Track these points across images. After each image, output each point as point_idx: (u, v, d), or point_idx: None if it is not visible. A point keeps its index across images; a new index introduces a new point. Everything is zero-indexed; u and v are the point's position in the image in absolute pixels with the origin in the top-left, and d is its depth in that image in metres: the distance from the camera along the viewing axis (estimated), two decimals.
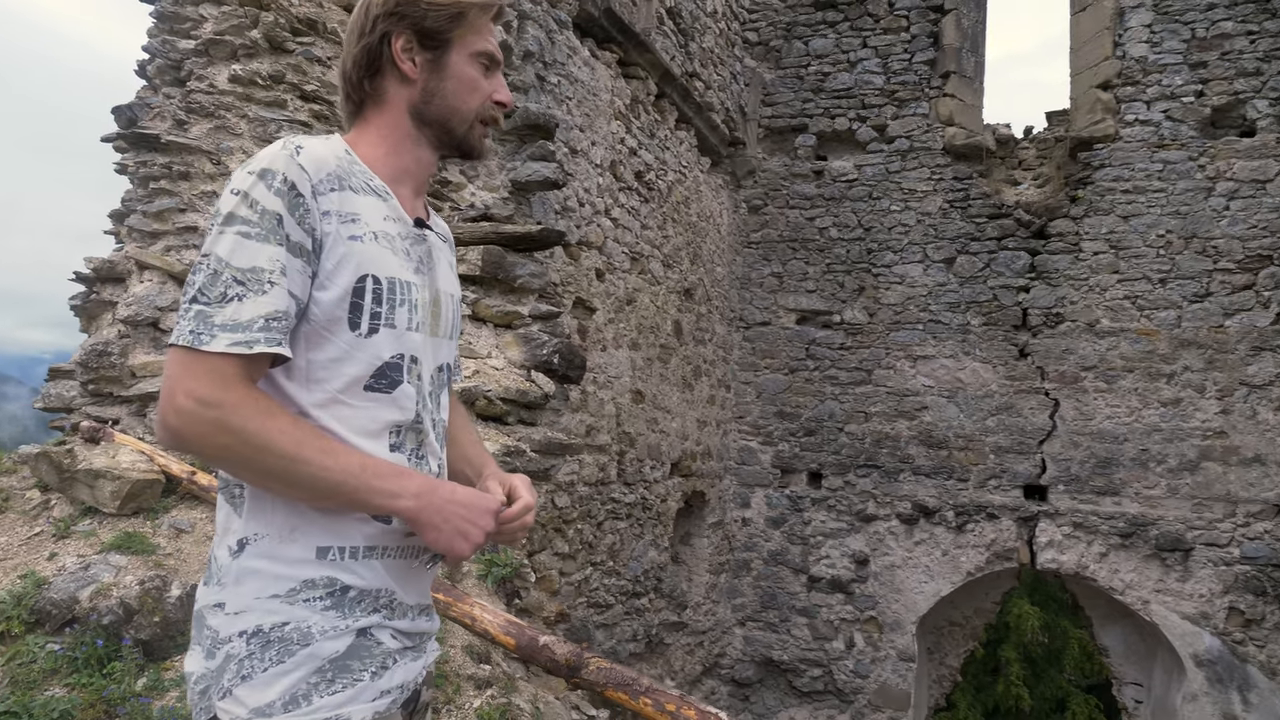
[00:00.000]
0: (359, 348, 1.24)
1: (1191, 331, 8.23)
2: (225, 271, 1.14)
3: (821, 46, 9.59)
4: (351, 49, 1.36)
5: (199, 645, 1.22)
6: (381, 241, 1.28)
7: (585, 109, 6.41)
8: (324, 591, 1.21)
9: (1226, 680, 7.78)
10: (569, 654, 2.20)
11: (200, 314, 1.13)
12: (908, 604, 8.83)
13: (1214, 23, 8.37)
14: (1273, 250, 8.07)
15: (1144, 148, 8.52)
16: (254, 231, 1.16)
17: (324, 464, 1.15)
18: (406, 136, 1.39)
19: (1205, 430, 8.10)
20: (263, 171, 1.18)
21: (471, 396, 3.43)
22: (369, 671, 1.24)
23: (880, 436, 9.10)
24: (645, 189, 7.42)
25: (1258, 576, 7.80)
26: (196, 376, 1.11)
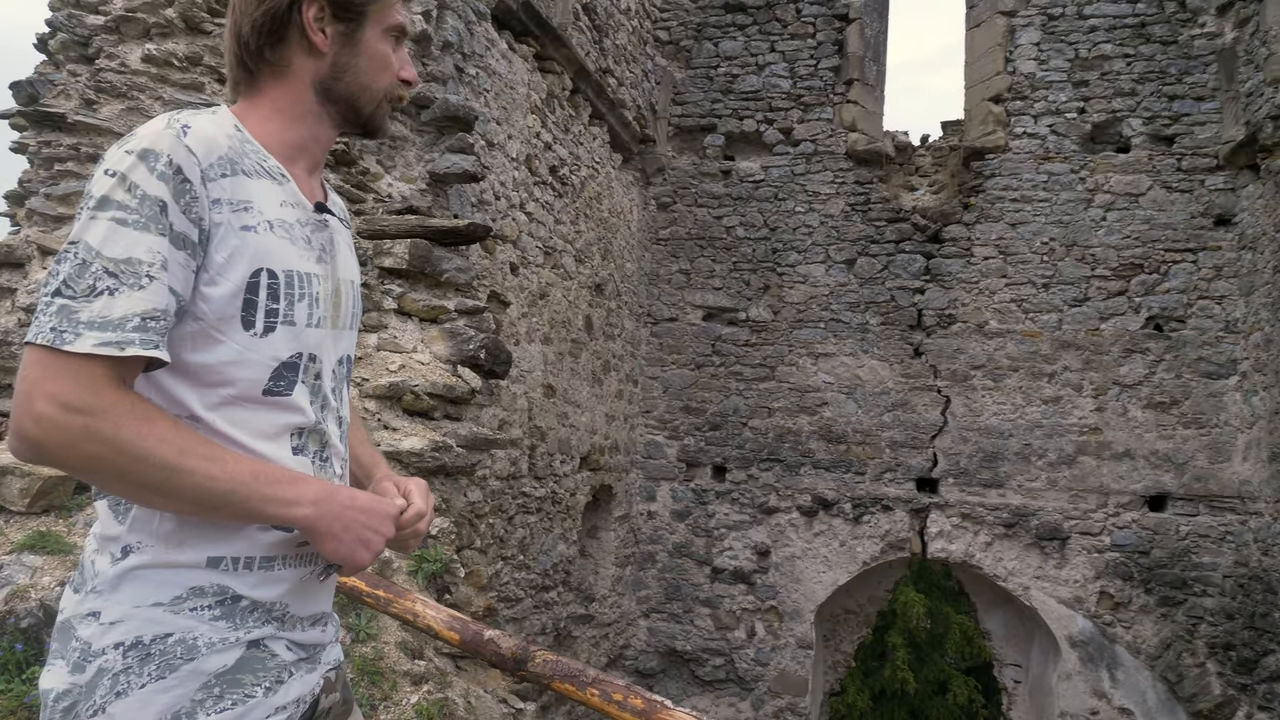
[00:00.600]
0: (253, 348, 1.14)
1: (1071, 334, 8.77)
2: (95, 262, 1.01)
3: (731, 48, 9.78)
4: (251, 11, 1.22)
5: (62, 658, 1.10)
6: (278, 231, 1.18)
7: (502, 102, 6.38)
8: (213, 600, 1.12)
9: (1097, 659, 8.34)
10: (515, 647, 2.24)
11: (64, 309, 1.00)
12: (807, 593, 9.13)
13: (1095, 44, 8.92)
14: (1143, 259, 8.67)
15: (1031, 159, 9.02)
16: (131, 219, 1.03)
17: (210, 473, 1.03)
18: (308, 112, 1.27)
19: (1082, 426, 8.65)
20: (144, 152, 1.06)
21: (399, 391, 3.40)
22: (262, 686, 1.15)
23: (783, 431, 9.36)
24: (559, 184, 7.44)
25: (1125, 563, 8.38)
26: (58, 379, 0.98)
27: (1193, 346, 8.48)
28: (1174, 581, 8.24)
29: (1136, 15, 8.83)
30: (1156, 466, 8.44)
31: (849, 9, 9.52)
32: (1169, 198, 8.65)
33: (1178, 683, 8.04)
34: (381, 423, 3.44)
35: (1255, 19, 8.02)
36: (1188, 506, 8.33)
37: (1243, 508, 8.12)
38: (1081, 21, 8.96)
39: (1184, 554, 8.25)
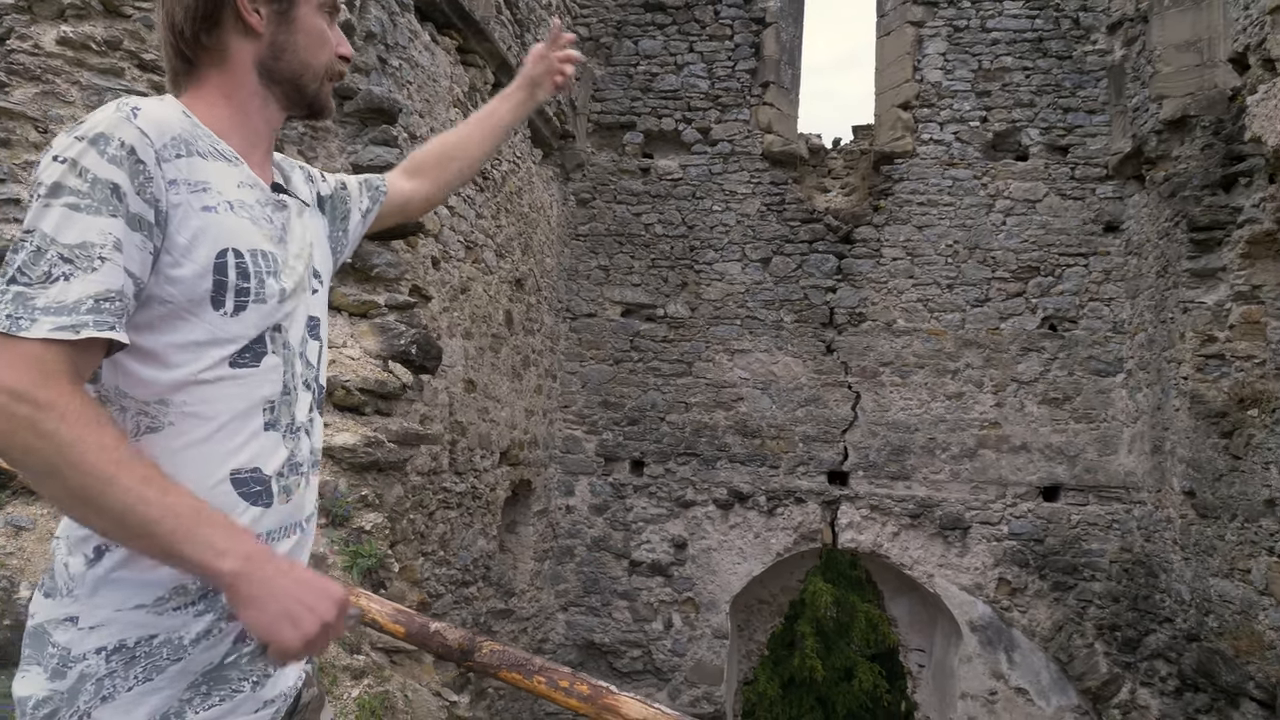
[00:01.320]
0: (223, 327, 1.14)
1: (973, 333, 9.18)
2: (50, 249, 1.00)
3: (650, 47, 9.88)
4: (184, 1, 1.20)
5: (37, 665, 1.08)
6: (239, 211, 1.17)
7: (425, 95, 6.33)
8: (196, 596, 1.11)
9: (995, 643, 8.77)
10: (461, 639, 2.28)
11: (19, 295, 0.99)
12: (723, 584, 9.32)
13: (997, 57, 9.34)
14: (1039, 263, 9.13)
15: (937, 165, 9.39)
16: (84, 203, 1.02)
17: (144, 495, 0.98)
18: (254, 95, 1.27)
19: (982, 421, 9.07)
20: (95, 136, 1.05)
21: (331, 386, 3.38)
22: (249, 681, 1.16)
23: (700, 426, 9.53)
24: (481, 178, 7.41)
25: (1022, 550, 8.83)
26: (12, 365, 0.97)
27: (1084, 346, 8.98)
28: (1066, 568, 8.72)
29: (1035, 30, 9.28)
30: (1050, 459, 8.91)
31: (766, 13, 9.73)
32: (1063, 204, 9.14)
33: (1069, 662, 8.53)
34: None
35: (1142, 39, 8.53)
36: (1078, 496, 8.83)
37: (1128, 497, 8.65)
38: (985, 34, 9.38)
39: (1075, 541, 8.75)
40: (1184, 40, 8.02)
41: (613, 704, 2.15)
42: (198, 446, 1.13)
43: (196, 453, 1.13)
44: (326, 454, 3.29)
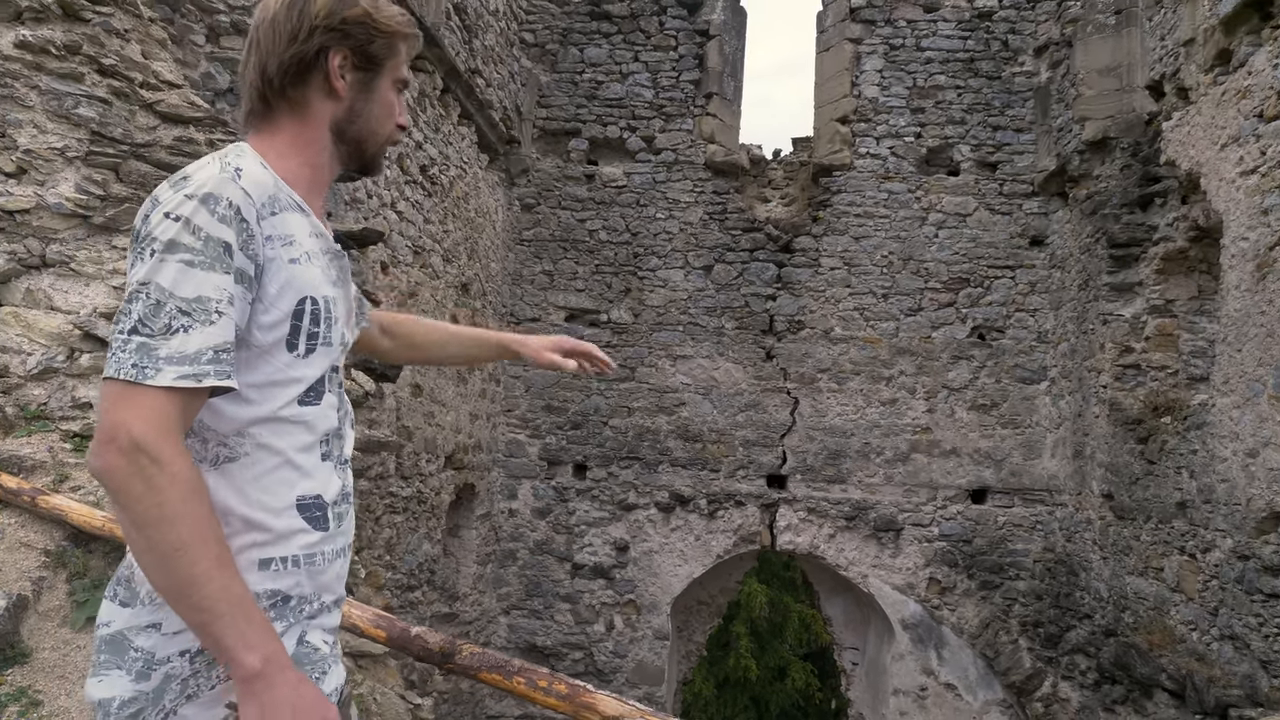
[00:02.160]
0: (294, 367, 1.25)
1: (906, 341, 9.50)
2: (169, 302, 1.10)
3: (596, 55, 9.99)
4: (278, 52, 1.30)
5: (119, 669, 1.17)
6: (314, 261, 1.28)
7: None
8: (267, 604, 1.21)
9: (926, 640, 9.09)
10: (442, 642, 2.35)
11: (143, 346, 1.08)
12: (664, 586, 9.47)
13: (931, 75, 9.69)
14: (969, 274, 9.50)
15: (874, 178, 9.70)
16: (199, 260, 1.11)
17: (210, 573, 1.07)
18: (323, 150, 1.36)
19: (915, 426, 9.39)
20: (205, 196, 1.14)
21: None
22: (313, 676, 1.26)
23: (642, 430, 9.67)
24: (429, 183, 7.43)
25: (951, 551, 9.18)
26: (138, 413, 1.07)
27: (1010, 354, 9.37)
28: (992, 567, 9.09)
29: (967, 51, 9.66)
30: (979, 463, 9.28)
31: (710, 25, 9.92)
32: (992, 219, 9.53)
33: (995, 658, 8.89)
34: None
35: (1066, 62, 8.95)
36: (1005, 499, 9.22)
37: (1050, 500, 9.06)
38: (919, 53, 9.72)
39: (1001, 542, 9.12)
40: (1105, 66, 8.45)
41: (590, 701, 2.26)
42: (270, 475, 1.23)
43: (269, 480, 1.23)
44: None
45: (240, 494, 1.21)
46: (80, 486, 2.89)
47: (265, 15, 1.32)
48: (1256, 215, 5.71)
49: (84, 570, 2.64)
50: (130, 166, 3.54)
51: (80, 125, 3.45)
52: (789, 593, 18.71)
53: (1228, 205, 6.11)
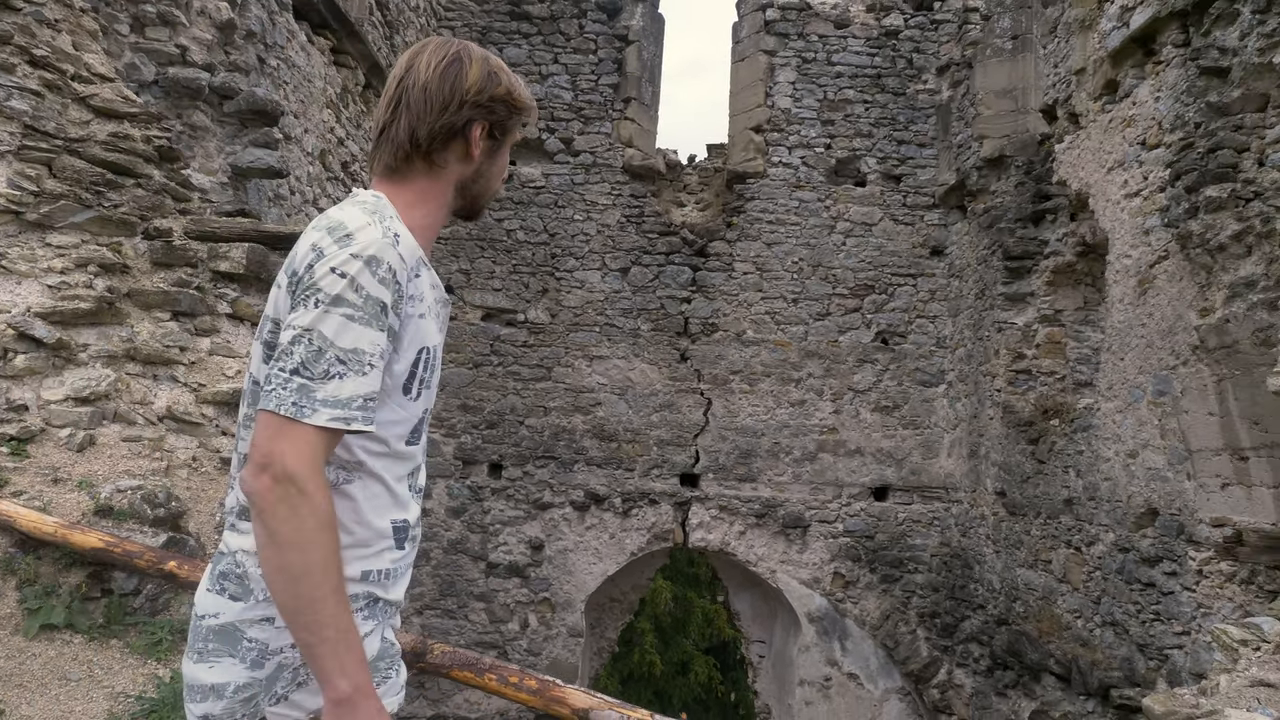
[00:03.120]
0: (407, 409, 1.38)
1: (815, 344, 9.86)
2: (330, 350, 1.22)
3: (515, 55, 10.00)
4: (429, 120, 1.41)
5: (232, 657, 1.30)
6: (431, 314, 1.42)
7: (300, 95, 6.25)
8: (364, 603, 1.36)
9: (831, 632, 9.47)
10: (413, 642, 2.42)
11: (303, 387, 1.21)
12: (578, 584, 9.58)
13: (840, 89, 10.08)
14: (874, 281, 9.93)
15: (785, 186, 10.03)
16: (358, 315, 1.23)
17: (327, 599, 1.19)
18: (445, 204, 1.50)
19: (822, 427, 9.76)
20: (370, 259, 1.25)
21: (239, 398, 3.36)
22: (394, 669, 1.45)
23: (558, 430, 9.75)
24: (350, 180, 7.34)
25: (855, 546, 9.58)
26: (294, 446, 1.19)
27: (911, 358, 9.84)
28: (893, 561, 9.54)
29: (874, 67, 10.08)
30: (881, 462, 9.72)
31: (629, 31, 10.07)
32: (896, 229, 9.98)
33: (894, 648, 9.33)
34: (220, 429, 3.39)
35: (966, 82, 9.45)
36: (905, 496, 9.67)
37: (947, 497, 9.56)
38: (830, 67, 10.09)
39: (901, 537, 9.58)
40: (1002, 88, 8.97)
41: (560, 695, 2.37)
42: (375, 499, 1.38)
43: (375, 504, 1.38)
44: None
45: (354, 514, 1.36)
46: (22, 492, 2.83)
47: (416, 79, 1.43)
48: (1139, 235, 6.20)
49: (34, 577, 2.59)
50: (64, 162, 3.46)
51: (12, 118, 3.36)
52: (693, 588, 19.08)
53: (1113, 224, 6.61)
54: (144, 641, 2.65)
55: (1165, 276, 5.85)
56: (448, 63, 1.43)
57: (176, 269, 3.50)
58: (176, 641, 2.69)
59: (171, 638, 2.68)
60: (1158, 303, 5.95)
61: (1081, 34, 7.15)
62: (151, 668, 2.57)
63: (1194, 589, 5.37)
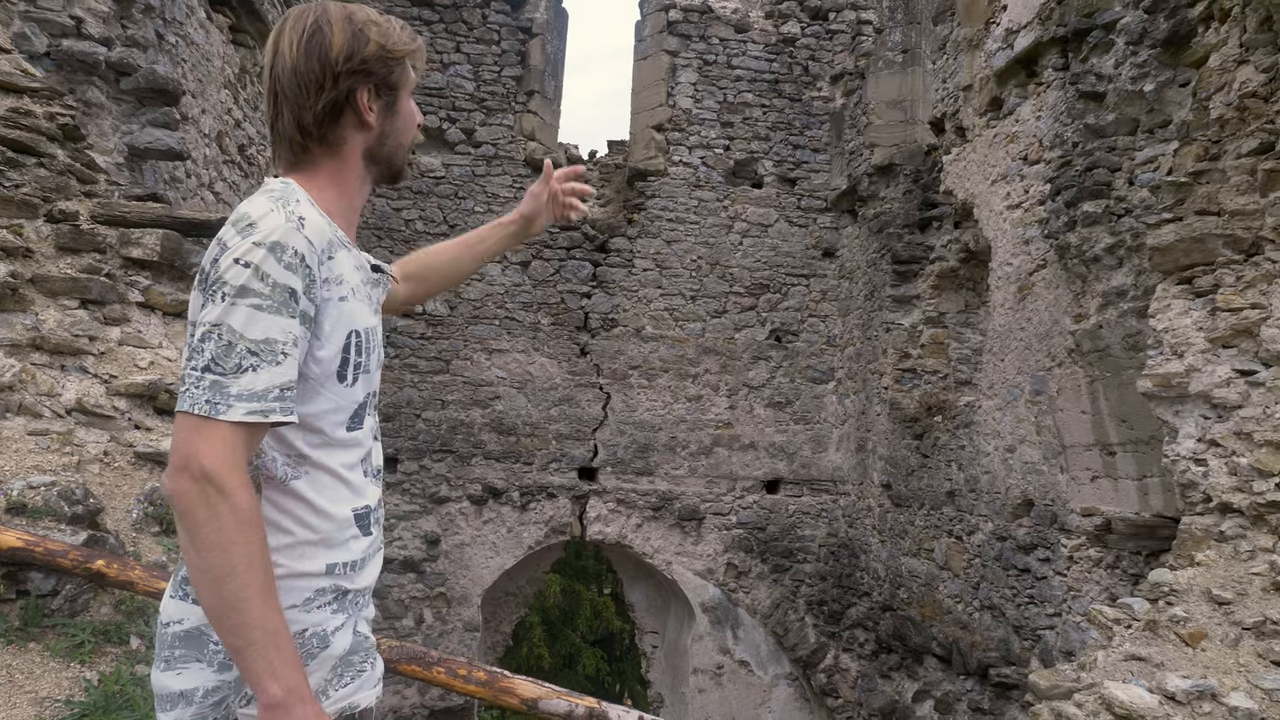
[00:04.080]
0: (344, 395, 1.34)
1: (712, 341, 10.09)
2: (240, 343, 1.18)
3: None
4: (309, 102, 1.34)
5: (199, 661, 1.27)
6: (358, 295, 1.36)
7: (198, 74, 5.99)
8: (331, 596, 1.33)
9: (724, 621, 9.73)
10: None
11: (216, 384, 1.17)
12: (475, 579, 9.52)
13: (740, 92, 10.33)
14: (769, 281, 10.23)
15: (685, 185, 10.21)
16: (266, 304, 1.19)
17: (252, 600, 1.15)
18: (358, 177, 1.43)
19: (717, 422, 10.00)
20: (273, 245, 1.21)
21: (155, 390, 3.22)
22: (368, 663, 1.40)
23: (456, 423, 9.65)
24: (246, 163, 7.08)
25: (748, 538, 9.87)
26: (210, 445, 1.15)
27: (803, 356, 10.19)
28: (783, 552, 9.87)
29: (772, 73, 10.37)
30: (774, 456, 10.03)
31: (533, 24, 10.04)
32: (791, 230, 10.30)
33: (784, 635, 9.67)
34: (133, 422, 3.24)
35: (859, 92, 9.85)
36: (795, 489, 10.02)
37: (835, 489, 9.96)
38: (730, 70, 10.32)
39: (791, 528, 9.92)
40: (892, 99, 9.39)
41: (509, 686, 2.42)
42: (328, 490, 1.35)
43: (330, 495, 1.35)
44: (155, 460, 3.17)
45: (310, 507, 1.32)
46: None
47: (284, 65, 1.36)
48: (1020, 244, 6.63)
49: None
50: None
51: None
52: (581, 581, 19.18)
53: (996, 234, 7.04)
54: (65, 644, 2.54)
55: (1043, 284, 6.28)
56: (309, 36, 1.35)
57: (84, 255, 3.33)
58: (99, 643, 2.60)
59: (94, 640, 2.58)
60: (1036, 308, 6.39)
61: (969, 53, 7.57)
62: (76, 671, 2.47)
63: (1065, 574, 5.81)
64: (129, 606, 2.71)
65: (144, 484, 3.14)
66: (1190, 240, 4.27)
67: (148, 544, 3.03)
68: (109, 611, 2.70)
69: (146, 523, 3.05)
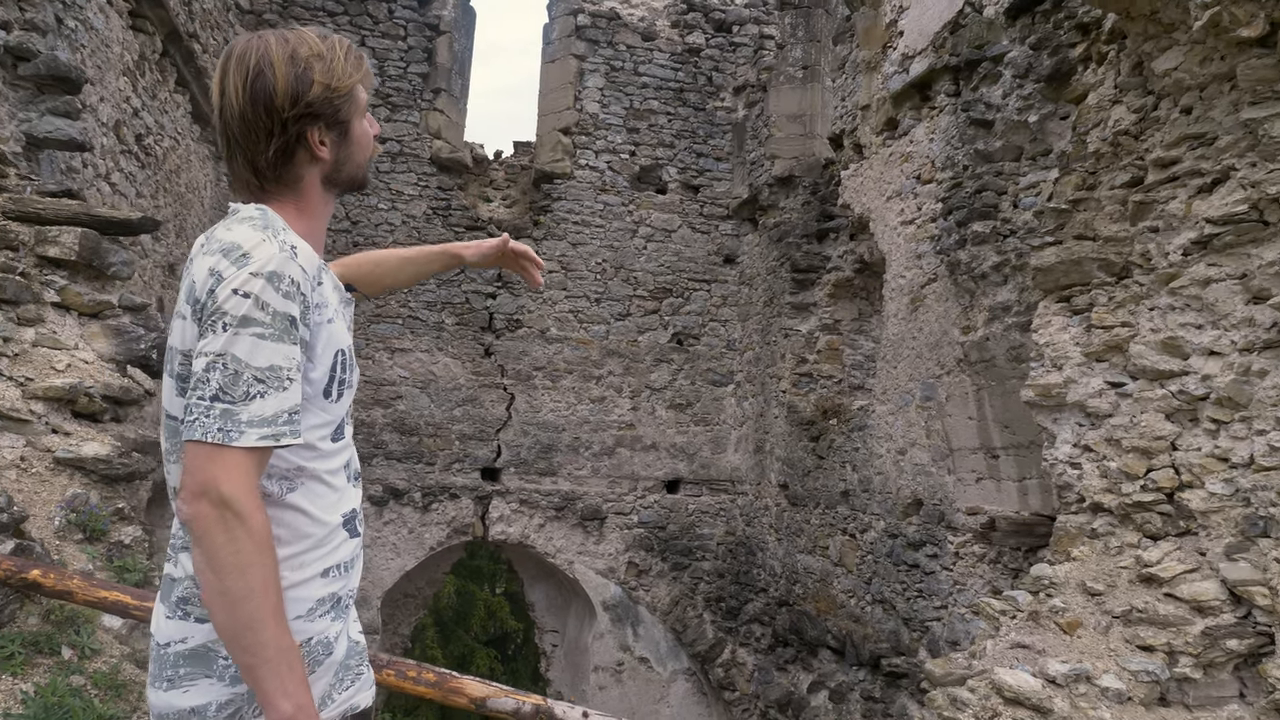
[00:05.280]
0: (331, 410, 1.41)
1: (615, 343, 10.25)
2: (246, 372, 1.23)
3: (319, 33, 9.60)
4: (261, 148, 1.37)
5: (208, 677, 1.31)
6: (339, 316, 1.42)
7: (98, 60, 5.76)
8: (330, 605, 1.40)
9: (624, 619, 9.90)
10: None
11: (226, 412, 1.22)
12: (375, 580, 9.40)
13: (646, 99, 10.52)
14: (672, 285, 10.46)
15: (591, 189, 10.33)
16: (268, 333, 1.25)
17: (267, 621, 1.21)
18: (321, 202, 1.48)
19: (620, 423, 10.17)
20: (271, 274, 1.26)
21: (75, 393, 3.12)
22: (364, 666, 1.49)
23: (356, 423, 9.49)
24: (144, 154, 6.83)
25: (648, 537, 10.07)
26: (226, 471, 1.20)
27: (704, 359, 10.46)
28: (683, 550, 10.11)
29: (678, 82, 10.60)
30: (674, 456, 10.27)
31: (440, 21, 9.97)
32: (693, 236, 10.56)
33: (683, 631, 9.91)
34: (51, 426, 3.13)
35: (761, 104, 10.18)
36: (695, 489, 10.28)
37: (733, 489, 10.26)
38: (637, 77, 10.50)
39: (691, 527, 10.18)
40: (792, 113, 9.75)
41: (457, 686, 2.51)
42: (321, 499, 1.41)
43: (322, 503, 1.41)
44: (76, 466, 3.08)
45: (306, 517, 1.38)
46: None
47: (233, 110, 1.37)
48: (912, 259, 7.03)
49: None
50: None
51: None
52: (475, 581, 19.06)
53: (890, 248, 7.43)
54: None
55: (934, 297, 6.68)
56: (253, 79, 1.35)
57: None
58: (30, 654, 2.54)
59: (24, 651, 2.52)
60: (927, 319, 6.79)
61: (867, 74, 7.95)
62: (9, 683, 2.42)
63: (951, 569, 6.21)
64: (58, 616, 2.66)
65: (64, 490, 3.06)
66: (1069, 262, 4.65)
67: (71, 552, 2.96)
68: (37, 622, 2.64)
69: (69, 530, 2.98)
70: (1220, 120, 3.87)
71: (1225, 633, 3.63)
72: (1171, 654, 3.69)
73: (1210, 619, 3.68)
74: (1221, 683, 3.65)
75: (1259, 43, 3.58)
